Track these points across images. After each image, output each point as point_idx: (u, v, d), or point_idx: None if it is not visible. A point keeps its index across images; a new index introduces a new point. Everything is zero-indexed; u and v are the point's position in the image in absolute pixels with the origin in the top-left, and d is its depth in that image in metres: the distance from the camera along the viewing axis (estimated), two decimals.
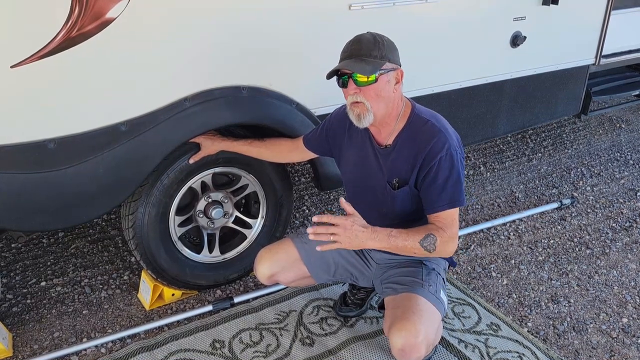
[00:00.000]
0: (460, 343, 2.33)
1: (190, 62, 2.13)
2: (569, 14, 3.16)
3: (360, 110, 1.94)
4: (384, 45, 1.91)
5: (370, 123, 1.97)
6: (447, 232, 1.97)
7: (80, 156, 2.02)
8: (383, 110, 1.96)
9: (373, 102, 1.92)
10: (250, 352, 2.27)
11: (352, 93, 1.93)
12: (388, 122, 2.02)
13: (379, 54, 1.89)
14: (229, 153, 2.36)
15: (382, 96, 1.93)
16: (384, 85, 1.91)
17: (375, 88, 1.90)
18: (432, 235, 1.94)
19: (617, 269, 2.90)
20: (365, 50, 1.89)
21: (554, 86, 3.37)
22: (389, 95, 1.95)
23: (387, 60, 1.90)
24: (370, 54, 1.89)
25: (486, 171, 3.88)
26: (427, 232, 1.95)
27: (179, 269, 2.49)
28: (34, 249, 2.96)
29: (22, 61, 1.81)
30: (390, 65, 1.91)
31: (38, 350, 2.32)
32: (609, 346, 2.42)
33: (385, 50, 1.91)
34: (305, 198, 3.49)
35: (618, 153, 4.19)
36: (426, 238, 1.94)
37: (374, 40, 1.91)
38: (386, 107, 1.96)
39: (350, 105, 1.96)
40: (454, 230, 2.00)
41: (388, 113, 1.99)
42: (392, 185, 2.05)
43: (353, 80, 1.90)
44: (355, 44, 1.92)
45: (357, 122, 1.97)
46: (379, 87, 1.90)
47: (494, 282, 2.79)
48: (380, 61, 1.89)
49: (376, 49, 1.89)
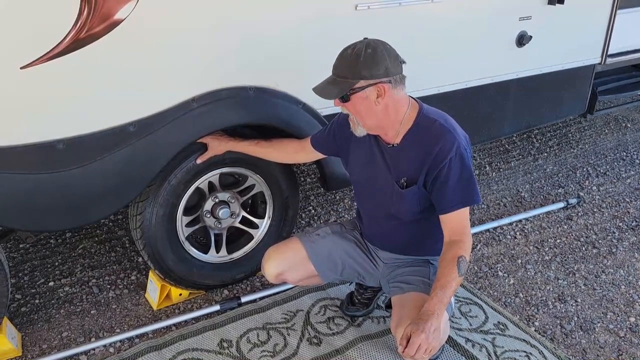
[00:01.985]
0: (468, 342, 2.33)
1: (197, 63, 2.14)
2: (574, 13, 3.15)
3: (352, 121, 2.01)
4: (359, 63, 1.86)
5: (365, 133, 2.02)
6: (465, 241, 1.97)
7: (89, 156, 2.03)
8: (373, 122, 1.98)
9: (357, 117, 1.97)
10: (258, 352, 2.27)
11: (337, 106, 1.99)
12: (390, 127, 2.02)
13: (351, 74, 1.88)
14: (235, 153, 2.37)
15: (361, 111, 1.94)
16: (361, 102, 1.92)
17: (351, 106, 1.94)
18: (461, 258, 1.93)
19: (624, 269, 2.90)
20: (340, 69, 1.92)
21: (559, 86, 3.36)
22: (370, 109, 1.94)
23: (359, 78, 1.88)
24: (340, 74, 1.91)
25: (492, 171, 3.88)
26: (456, 260, 1.92)
27: (186, 269, 2.50)
28: (42, 249, 2.98)
29: (31, 62, 1.82)
30: (364, 82, 1.88)
31: (47, 350, 2.33)
32: (616, 345, 2.41)
33: (360, 68, 1.87)
34: (311, 198, 3.50)
35: (624, 152, 4.18)
36: (460, 266, 1.92)
37: (352, 58, 1.88)
38: (376, 118, 1.97)
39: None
40: (468, 231, 2.01)
41: (382, 122, 1.99)
42: (400, 184, 2.06)
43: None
44: (337, 59, 1.94)
45: (354, 131, 2.04)
46: (355, 105, 1.93)
47: (501, 281, 2.78)
48: (352, 81, 1.88)
49: (351, 68, 1.88)
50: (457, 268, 1.91)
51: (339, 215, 3.34)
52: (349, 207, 3.40)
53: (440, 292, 1.90)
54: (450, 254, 1.95)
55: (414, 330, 1.82)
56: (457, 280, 1.93)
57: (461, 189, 1.97)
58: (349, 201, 3.46)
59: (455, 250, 1.95)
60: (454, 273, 1.91)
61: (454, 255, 1.94)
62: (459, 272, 1.91)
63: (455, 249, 1.95)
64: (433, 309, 1.87)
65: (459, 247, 1.95)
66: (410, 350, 1.81)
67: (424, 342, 1.80)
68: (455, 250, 1.95)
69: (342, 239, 2.31)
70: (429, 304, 1.88)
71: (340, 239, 2.31)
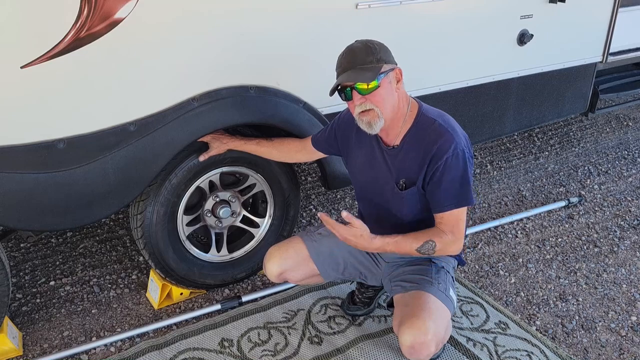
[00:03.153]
0: (469, 341, 2.33)
1: (198, 62, 2.14)
2: (576, 11, 3.15)
3: (371, 118, 1.95)
4: (376, 49, 1.91)
5: (381, 128, 1.97)
6: (448, 236, 2.00)
7: (90, 156, 2.03)
8: (390, 112, 1.97)
9: (381, 107, 1.93)
10: (259, 351, 2.27)
11: (358, 103, 1.93)
12: (395, 124, 2.02)
13: (374, 58, 1.90)
14: (236, 152, 2.37)
15: (388, 98, 1.94)
16: (387, 87, 1.93)
17: (380, 92, 1.91)
18: (431, 242, 1.99)
19: (626, 267, 2.89)
20: (360, 58, 1.90)
21: (561, 84, 3.36)
22: (393, 96, 1.96)
23: (383, 62, 1.90)
24: (366, 61, 1.89)
25: (493, 170, 3.87)
26: (427, 239, 1.99)
27: (187, 268, 2.50)
28: (43, 248, 2.98)
29: (32, 62, 1.82)
30: (387, 66, 1.91)
31: (48, 349, 2.33)
32: (618, 344, 2.41)
33: (380, 53, 1.91)
34: (312, 197, 3.49)
35: (625, 151, 4.17)
36: (424, 245, 1.99)
37: (365, 47, 1.91)
38: (392, 108, 1.97)
39: (358, 115, 1.96)
40: (458, 231, 2.01)
41: (395, 114, 1.99)
42: (400, 185, 2.06)
43: (357, 91, 1.91)
44: (348, 55, 1.93)
45: (368, 130, 1.98)
46: (384, 90, 1.92)
47: (502, 280, 2.78)
48: (377, 65, 1.89)
49: (370, 54, 1.90)
50: (423, 243, 1.99)
51: (340, 214, 3.33)
52: (350, 206, 3.40)
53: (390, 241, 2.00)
54: (430, 232, 2.02)
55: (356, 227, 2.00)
56: (410, 252, 2.01)
57: (455, 190, 1.97)
58: (350, 200, 3.46)
59: (434, 234, 2.01)
60: (416, 244, 1.99)
61: (430, 235, 2.00)
62: (420, 249, 1.99)
63: (436, 233, 2.01)
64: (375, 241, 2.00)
65: (439, 235, 2.00)
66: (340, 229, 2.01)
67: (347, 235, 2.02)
68: (434, 233, 2.01)
69: None
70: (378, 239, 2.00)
71: None
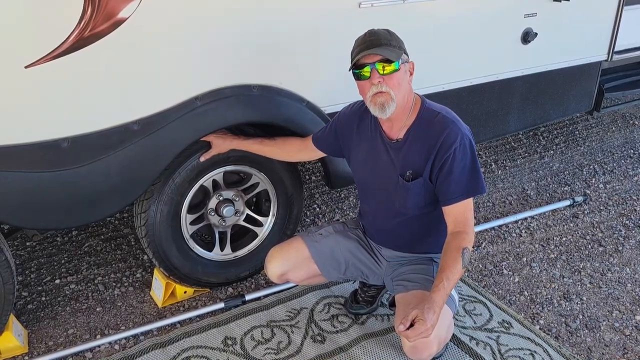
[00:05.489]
0: (472, 340, 2.32)
1: (201, 61, 2.15)
2: (580, 9, 3.13)
3: (385, 99, 1.93)
4: (397, 37, 1.96)
5: (392, 112, 1.95)
6: (469, 233, 1.97)
7: (94, 155, 2.04)
8: (401, 100, 1.97)
9: (396, 91, 1.93)
10: (262, 349, 2.28)
11: (376, 82, 1.92)
12: (400, 116, 2.03)
13: (397, 44, 1.94)
14: (239, 151, 2.37)
15: (402, 85, 1.95)
16: (403, 75, 1.95)
17: (398, 76, 1.92)
18: (465, 249, 1.93)
19: (630, 267, 2.88)
20: (384, 40, 1.92)
21: (565, 83, 3.35)
22: (406, 85, 1.98)
23: (403, 51, 1.95)
24: (390, 43, 1.92)
25: (497, 169, 3.86)
26: (460, 251, 1.92)
27: (190, 266, 2.51)
28: (48, 247, 3.00)
29: (36, 61, 1.83)
30: (405, 56, 1.95)
31: (53, 347, 2.35)
32: (622, 344, 2.40)
33: (400, 42, 1.96)
34: (315, 196, 3.50)
35: (631, 150, 4.15)
36: (464, 258, 1.92)
37: (388, 33, 1.95)
38: (403, 97, 1.98)
39: (372, 96, 1.94)
40: (470, 222, 2.01)
41: (404, 104, 2.00)
42: (406, 177, 2.05)
43: (376, 70, 1.91)
44: (372, 35, 1.94)
45: (380, 113, 1.95)
46: (401, 76, 1.93)
47: (506, 279, 2.78)
48: (399, 50, 1.93)
49: (393, 39, 1.94)
50: (461, 259, 1.91)
51: (344, 213, 3.34)
52: (353, 205, 3.40)
53: (446, 284, 1.89)
54: (454, 243, 1.94)
55: (420, 319, 1.81)
56: (460, 272, 1.93)
57: (466, 180, 1.97)
58: (354, 199, 3.46)
59: (459, 241, 1.94)
60: (458, 264, 1.91)
61: (458, 246, 1.93)
62: (463, 264, 1.92)
63: (459, 239, 1.95)
64: (440, 300, 1.86)
65: (463, 238, 1.95)
66: (412, 333, 1.80)
67: (425, 333, 1.81)
68: (459, 241, 1.94)
69: (345, 237, 2.31)
70: (437, 294, 1.87)
71: (343, 238, 2.31)
